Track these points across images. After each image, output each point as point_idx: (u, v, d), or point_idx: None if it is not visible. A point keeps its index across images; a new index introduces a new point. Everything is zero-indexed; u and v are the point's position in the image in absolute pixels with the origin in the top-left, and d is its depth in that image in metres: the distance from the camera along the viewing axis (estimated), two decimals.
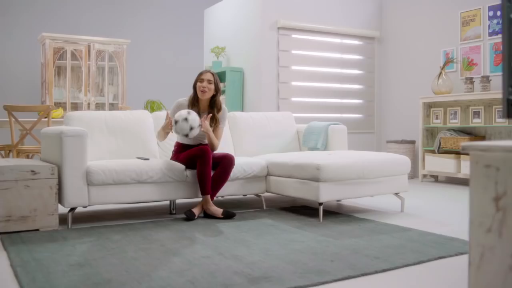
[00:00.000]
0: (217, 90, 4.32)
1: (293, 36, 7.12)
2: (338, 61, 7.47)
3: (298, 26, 7.08)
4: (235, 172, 4.33)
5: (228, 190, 4.37)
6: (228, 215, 4.10)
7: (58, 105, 7.80)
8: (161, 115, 4.90)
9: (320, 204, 4.01)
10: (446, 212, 4.46)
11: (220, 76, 7.53)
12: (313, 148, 5.16)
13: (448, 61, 6.69)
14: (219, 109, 4.37)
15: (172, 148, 4.55)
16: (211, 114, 4.26)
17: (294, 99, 7.16)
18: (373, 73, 7.84)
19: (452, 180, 6.79)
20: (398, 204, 4.58)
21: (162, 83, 9.08)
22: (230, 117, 5.19)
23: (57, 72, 7.97)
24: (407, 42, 7.50)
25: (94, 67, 7.88)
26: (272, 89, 6.95)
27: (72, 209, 3.85)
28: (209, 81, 4.26)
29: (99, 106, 8.12)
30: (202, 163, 4.05)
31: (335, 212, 4.39)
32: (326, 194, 3.99)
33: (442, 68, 6.65)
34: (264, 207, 4.60)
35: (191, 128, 4.00)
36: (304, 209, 4.55)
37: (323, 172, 3.93)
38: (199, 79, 4.28)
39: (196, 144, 4.36)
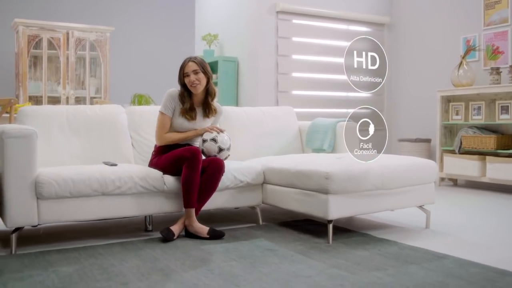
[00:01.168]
0: (208, 76, 3.60)
1: (294, 21, 6.51)
2: (343, 50, 6.48)
3: (299, 10, 6.47)
4: (224, 180, 3.55)
5: (216, 202, 3.59)
6: (215, 235, 3.32)
7: (34, 99, 7.13)
8: (138, 110, 4.10)
9: (330, 222, 3.22)
10: (483, 229, 3.68)
11: (212, 67, 6.89)
12: (318, 150, 4.38)
13: (470, 49, 5.91)
14: (213, 97, 3.67)
15: (153, 151, 3.74)
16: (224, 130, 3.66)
17: (294, 92, 6.53)
18: None
19: (475, 185, 6.01)
20: (421, 217, 3.80)
21: (150, 74, 8.32)
22: None
23: (32, 63, 7.26)
24: (421, 28, 6.82)
25: (74, 57, 7.17)
26: (270, 81, 6.34)
27: (17, 229, 3.05)
28: (195, 72, 3.52)
29: (80, 100, 7.40)
30: (190, 167, 3.29)
31: (346, 229, 3.60)
32: (337, 210, 3.20)
33: (462, 57, 5.87)
34: (260, 222, 3.82)
35: (220, 150, 3.52)
36: (308, 224, 3.77)
37: (333, 182, 3.15)
38: (184, 74, 3.55)
39: (184, 143, 3.57)
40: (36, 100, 7.10)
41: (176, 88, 3.63)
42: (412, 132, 6.80)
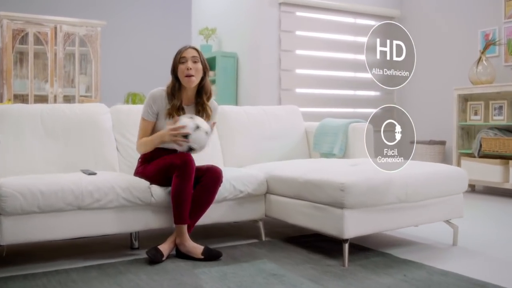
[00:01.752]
0: (205, 70, 3.10)
1: (298, 13, 6.11)
2: (351, 45, 6.45)
3: (304, 2, 6.07)
4: (221, 190, 3.08)
5: (212, 216, 3.11)
6: (210, 256, 2.85)
7: (20, 97, 6.69)
8: (125, 109, 3.63)
9: (345, 241, 2.74)
10: None
11: (210, 63, 6.44)
12: (327, 154, 3.91)
13: (489, 44, 5.44)
14: (209, 97, 3.15)
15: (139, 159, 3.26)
16: (215, 122, 3.11)
17: (298, 90, 6.16)
18: None
19: (496, 191, 5.53)
20: (446, 232, 3.33)
21: (144, 71, 7.92)
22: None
23: (18, 59, 6.82)
24: (435, 22, 6.39)
25: (62, 53, 6.74)
26: (272, 78, 5.96)
27: None
28: (194, 60, 3.03)
29: (69, 99, 6.98)
30: (181, 177, 2.82)
31: (363, 247, 3.12)
32: (354, 227, 2.73)
33: (482, 52, 5.40)
34: (263, 238, 3.34)
35: (206, 133, 2.93)
36: (318, 241, 3.29)
37: (349, 195, 2.67)
38: (180, 58, 3.04)
39: (169, 148, 3.09)
40: (22, 98, 6.68)
41: (161, 87, 3.13)
42: (424, 133, 6.33)
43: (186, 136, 2.84)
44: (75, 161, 3.25)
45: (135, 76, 7.74)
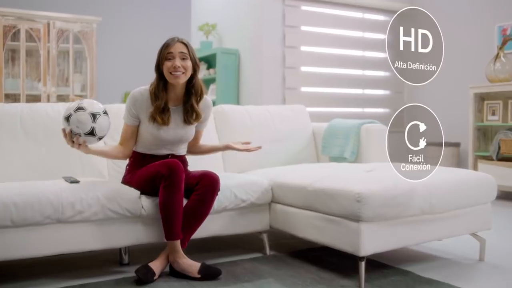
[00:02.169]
0: (195, 67, 2.74)
1: (303, 8, 5.88)
2: (359, 41, 6.21)
3: None
4: (221, 199, 2.76)
5: (210, 228, 2.79)
6: (208, 274, 2.52)
7: (12, 97, 6.44)
8: (114, 109, 3.29)
9: (361, 259, 2.40)
10: None
11: (210, 60, 6.33)
12: (338, 158, 3.58)
13: (507, 39, 5.11)
14: (200, 97, 2.79)
15: (127, 165, 2.92)
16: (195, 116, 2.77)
17: (304, 89, 5.91)
18: None
19: None
20: (472, 245, 2.99)
21: (141, 69, 7.56)
22: (216, 112, 3.61)
23: (10, 57, 6.57)
24: (448, 16, 6.07)
25: (55, 51, 6.48)
26: (276, 76, 5.74)
27: None
28: (182, 56, 2.68)
29: (63, 99, 6.73)
30: (168, 187, 2.49)
31: (380, 264, 2.78)
32: (371, 243, 2.40)
33: (499, 48, 5.08)
34: (268, 252, 3.00)
35: (94, 116, 2.45)
36: (329, 255, 2.95)
37: (367, 207, 2.34)
38: (166, 54, 2.67)
39: (165, 154, 2.76)
40: (14, 98, 6.44)
41: (143, 87, 2.78)
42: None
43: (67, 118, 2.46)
44: (59, 167, 2.93)
45: (133, 75, 7.47)
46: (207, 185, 2.58)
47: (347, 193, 2.40)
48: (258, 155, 3.53)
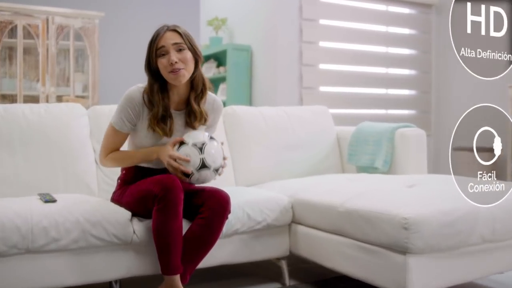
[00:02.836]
0: (197, 58, 2.23)
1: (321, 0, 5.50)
2: (382, 36, 5.83)
3: None
4: (232, 221, 2.30)
5: (218, 256, 2.32)
6: None
7: (9, 98, 6.14)
8: (107, 111, 2.82)
9: None
10: None
11: (220, 58, 6.00)
12: (367, 168, 3.10)
13: None
14: (202, 94, 2.28)
15: (118, 178, 2.44)
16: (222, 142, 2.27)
17: (322, 88, 5.49)
18: (430, 53, 6.15)
19: None
20: None
21: None
22: (227, 114, 3.15)
23: (7, 55, 6.31)
24: None
25: (55, 48, 6.20)
26: (292, 75, 5.39)
27: None
28: (178, 47, 2.17)
29: (62, 100, 6.46)
30: (164, 211, 2.01)
31: None
32: (421, 279, 1.92)
33: None
34: (287, 282, 2.53)
35: (216, 170, 2.16)
36: (361, 287, 2.45)
37: (417, 235, 1.86)
38: (157, 49, 2.17)
39: (160, 168, 2.26)
40: (11, 99, 6.14)
41: (142, 84, 2.29)
42: (468, 138, 5.59)
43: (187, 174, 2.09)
44: (37, 180, 2.47)
45: (138, 74, 7.13)
46: (214, 207, 2.09)
47: (391, 218, 1.91)
48: (274, 164, 3.08)
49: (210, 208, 2.08)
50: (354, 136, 3.22)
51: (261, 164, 3.06)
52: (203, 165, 2.08)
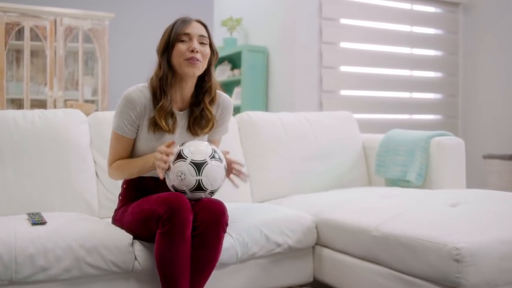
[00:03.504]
0: (212, 57, 2.06)
1: None
2: (406, 37, 5.68)
3: None
4: (249, 243, 2.02)
5: (234, 283, 2.07)
6: None
7: (16, 103, 6.06)
8: (108, 117, 2.56)
9: None
10: None
11: (234, 60, 5.84)
12: (398, 181, 2.82)
13: None
14: (213, 94, 2.08)
15: (119, 194, 2.19)
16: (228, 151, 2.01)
17: (344, 92, 5.32)
18: (457, 55, 5.98)
19: None
20: None
21: None
22: (242, 120, 2.90)
23: (15, 58, 6.23)
24: (510, 7, 5.50)
25: (63, 51, 6.12)
26: (311, 77, 5.22)
27: None
28: (201, 40, 2.00)
29: (72, 104, 6.37)
30: (170, 234, 1.75)
31: None
32: None
33: None
34: None
35: (211, 193, 1.93)
36: None
37: (471, 269, 1.58)
38: (180, 35, 1.98)
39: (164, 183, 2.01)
40: (18, 104, 6.06)
41: (141, 84, 2.08)
42: (499, 145, 5.44)
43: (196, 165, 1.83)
44: (29, 196, 2.21)
45: (148, 76, 7.19)
46: (207, 221, 1.81)
47: (439, 247, 1.62)
48: (295, 176, 2.81)
49: (203, 222, 1.80)
50: (383, 145, 2.94)
51: (279, 176, 2.79)
52: (199, 188, 1.82)
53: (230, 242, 1.99)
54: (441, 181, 2.68)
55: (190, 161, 1.81)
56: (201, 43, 1.98)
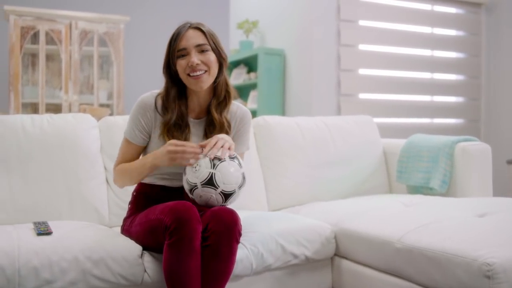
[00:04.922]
0: (221, 61, 1.95)
1: None
2: (427, 38, 5.53)
3: None
4: (264, 254, 1.92)
5: None
6: None
7: (32, 107, 6.02)
8: (119, 122, 2.48)
9: None
10: None
11: (250, 63, 5.74)
12: (420, 188, 2.71)
13: None
14: (225, 102, 2.00)
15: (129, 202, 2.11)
16: (231, 147, 1.85)
17: (362, 95, 5.18)
18: (479, 57, 5.83)
19: None
20: None
21: None
22: (257, 125, 2.81)
23: (30, 61, 6.21)
24: None
25: (78, 54, 6.10)
26: (329, 81, 5.10)
27: None
28: (200, 48, 1.89)
29: (85, 109, 6.29)
30: (177, 245, 1.65)
31: None
32: None
33: None
34: None
35: (223, 195, 1.79)
36: None
37: (503, 286, 1.44)
38: (177, 52, 1.91)
39: (175, 187, 1.93)
40: (33, 108, 6.03)
41: (156, 90, 2.02)
42: None
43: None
44: (36, 204, 2.14)
45: (164, 80, 7.12)
46: (218, 230, 1.71)
47: (468, 263, 1.50)
48: (313, 183, 2.71)
49: (214, 232, 1.70)
50: (405, 151, 2.81)
51: (296, 182, 2.69)
52: (210, 182, 1.72)
53: (244, 253, 1.90)
54: (467, 188, 2.56)
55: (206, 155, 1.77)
56: (201, 51, 1.89)
